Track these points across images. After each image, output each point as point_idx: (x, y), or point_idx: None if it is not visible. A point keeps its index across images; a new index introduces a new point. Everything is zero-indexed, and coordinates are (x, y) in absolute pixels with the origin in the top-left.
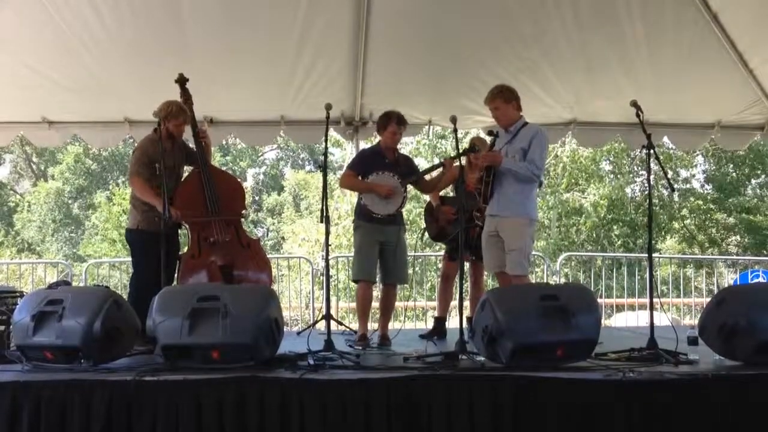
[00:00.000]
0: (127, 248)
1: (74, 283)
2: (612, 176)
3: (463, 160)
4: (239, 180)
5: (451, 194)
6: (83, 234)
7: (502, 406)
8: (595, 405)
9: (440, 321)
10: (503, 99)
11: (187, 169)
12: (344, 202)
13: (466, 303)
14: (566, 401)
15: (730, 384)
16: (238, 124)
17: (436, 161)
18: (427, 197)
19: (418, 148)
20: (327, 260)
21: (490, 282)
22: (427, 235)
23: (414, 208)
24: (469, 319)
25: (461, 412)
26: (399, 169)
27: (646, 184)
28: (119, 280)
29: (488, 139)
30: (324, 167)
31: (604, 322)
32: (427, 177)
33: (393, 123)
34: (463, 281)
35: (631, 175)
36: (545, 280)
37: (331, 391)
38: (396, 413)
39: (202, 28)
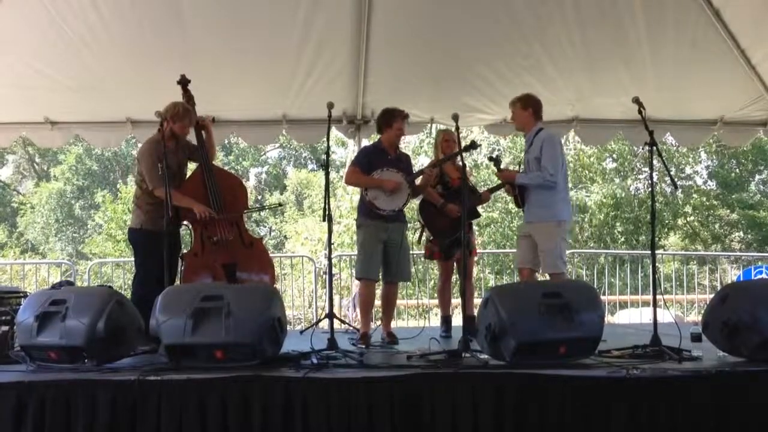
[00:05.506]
0: (130, 247)
1: (78, 283)
2: (615, 173)
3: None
4: (241, 179)
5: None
6: (86, 233)
7: (506, 404)
8: (599, 402)
9: (447, 319)
10: (520, 106)
11: (190, 167)
12: (345, 200)
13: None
14: (570, 399)
15: (734, 380)
16: (240, 124)
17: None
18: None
19: (422, 146)
20: (330, 259)
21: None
22: (427, 233)
23: (414, 205)
24: (466, 317)
25: (465, 410)
26: (401, 165)
27: (649, 181)
28: (123, 280)
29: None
30: (326, 166)
31: (607, 319)
32: (416, 181)
33: (399, 119)
34: (456, 279)
35: (634, 173)
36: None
37: (334, 389)
38: (399, 411)
39: (204, 27)
